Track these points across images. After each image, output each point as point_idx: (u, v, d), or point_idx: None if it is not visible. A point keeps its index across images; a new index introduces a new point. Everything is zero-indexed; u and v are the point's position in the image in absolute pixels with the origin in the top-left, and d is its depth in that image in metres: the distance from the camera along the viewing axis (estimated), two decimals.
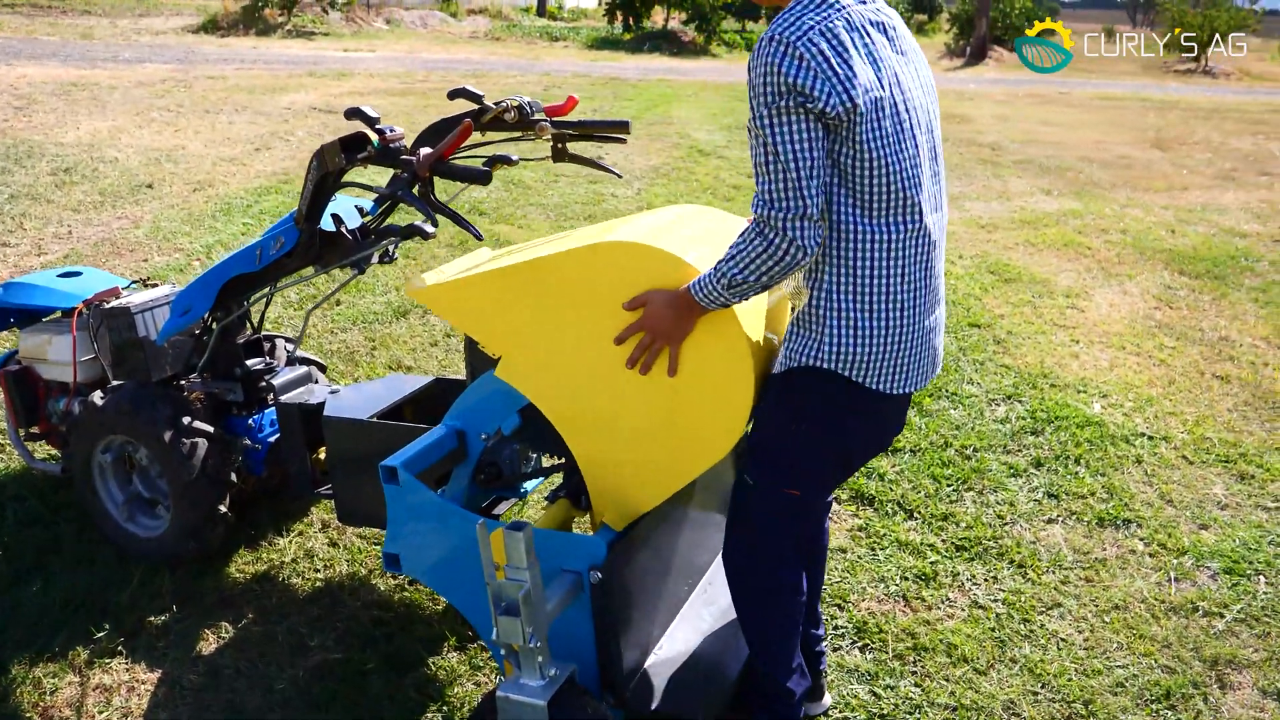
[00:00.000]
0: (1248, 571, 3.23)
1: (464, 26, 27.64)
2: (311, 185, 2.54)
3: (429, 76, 16.15)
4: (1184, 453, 4.05)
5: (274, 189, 7.64)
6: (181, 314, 2.95)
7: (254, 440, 3.07)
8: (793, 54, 1.80)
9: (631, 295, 2.09)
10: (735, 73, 20.40)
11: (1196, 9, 30.39)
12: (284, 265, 2.79)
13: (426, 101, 12.92)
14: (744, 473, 2.18)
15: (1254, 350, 5.31)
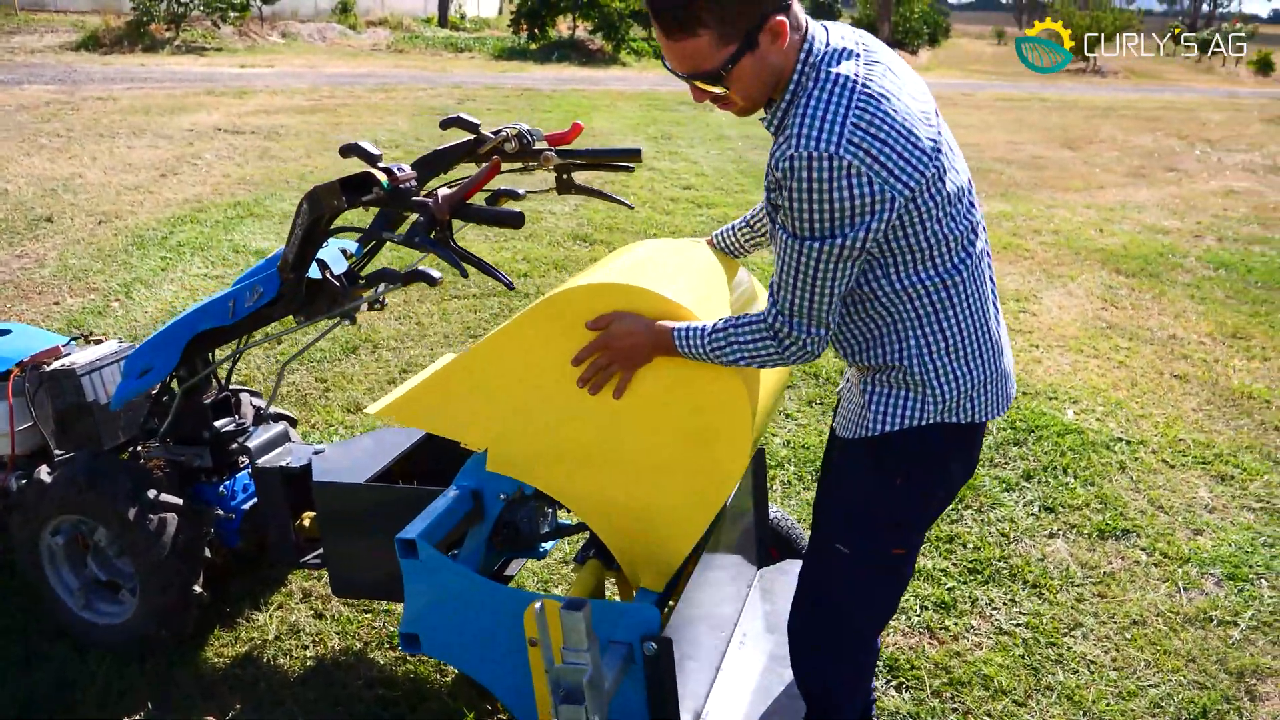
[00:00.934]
0: (1249, 576, 3.25)
1: (364, 39, 27.02)
2: (302, 230, 2.28)
3: (335, 92, 15.74)
4: (1163, 456, 4.08)
5: (189, 218, 7.22)
6: (139, 375, 2.65)
7: (226, 509, 2.78)
8: (841, 170, 1.60)
9: None
10: (647, 81, 20.38)
11: (1085, 10, 31.51)
12: (261, 317, 2.53)
13: (339, 119, 12.58)
14: (832, 541, 2.02)
15: (1202, 347, 5.43)
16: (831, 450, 2.10)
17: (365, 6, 30.19)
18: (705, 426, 1.99)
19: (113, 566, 2.76)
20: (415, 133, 11.70)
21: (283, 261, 2.38)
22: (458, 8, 33.02)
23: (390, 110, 13.75)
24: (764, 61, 1.70)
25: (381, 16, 29.81)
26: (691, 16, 1.64)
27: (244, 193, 8.15)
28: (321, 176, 8.84)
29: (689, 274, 2.21)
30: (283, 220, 7.30)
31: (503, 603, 2.09)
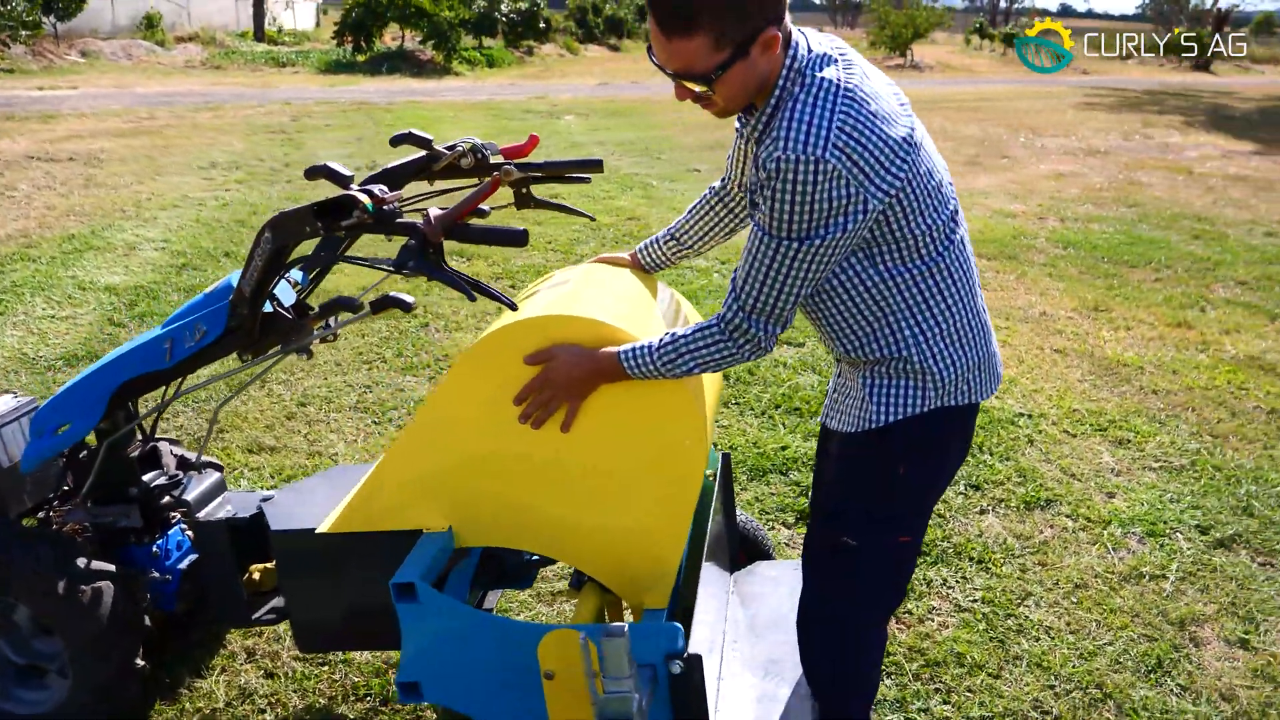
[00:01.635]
0: (1166, 531, 3.47)
1: (175, 56, 25.73)
2: (262, 260, 2.11)
3: (155, 113, 14.96)
4: (1063, 427, 4.32)
5: (18, 255, 6.66)
6: (55, 431, 2.39)
7: (162, 571, 2.54)
8: (824, 173, 1.63)
9: None
10: (484, 90, 20.23)
11: (899, 9, 33.07)
12: (202, 358, 2.32)
13: (166, 141, 11.97)
14: (839, 536, 2.03)
15: (1071, 322, 5.77)
16: (828, 445, 2.12)
17: (170, 21, 28.76)
18: (662, 439, 1.99)
19: (29, 648, 2.48)
20: (254, 153, 11.25)
21: (237, 295, 2.19)
22: (273, 20, 31.83)
23: (221, 130, 13.18)
24: (752, 69, 1.72)
25: (191, 32, 28.50)
26: (690, 19, 1.65)
27: (75, 224, 7.63)
28: (157, 204, 8.37)
29: (615, 296, 2.20)
30: (126, 252, 6.89)
31: (513, 638, 2.01)
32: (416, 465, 2.12)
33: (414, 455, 2.12)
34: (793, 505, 3.59)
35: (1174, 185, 10.65)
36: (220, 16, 30.73)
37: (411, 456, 2.13)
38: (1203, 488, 3.78)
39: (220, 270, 6.48)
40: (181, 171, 9.91)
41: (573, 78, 24.55)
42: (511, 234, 1.92)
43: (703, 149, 12.10)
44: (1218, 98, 23.17)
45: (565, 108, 16.90)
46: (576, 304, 2.07)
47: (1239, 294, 6.49)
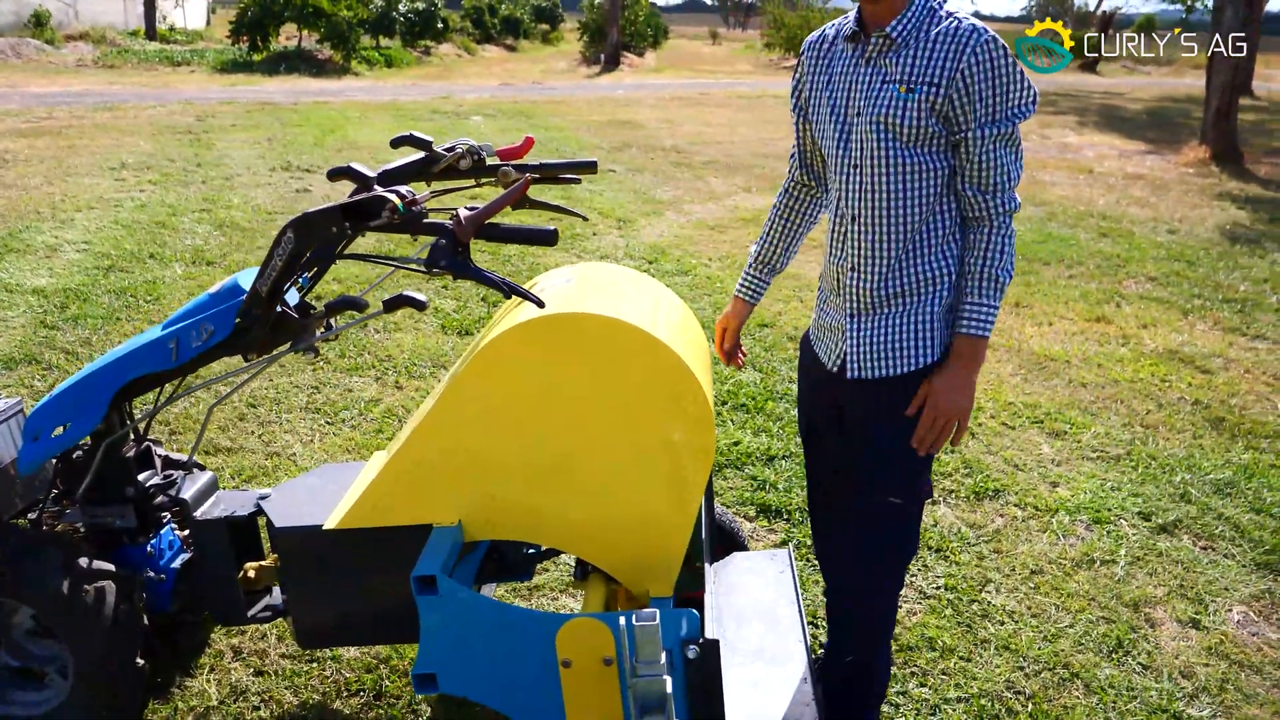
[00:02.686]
0: (1111, 518, 3.65)
1: (65, 55, 24.79)
2: (282, 260, 2.12)
3: (53, 113, 14.40)
4: (1001, 420, 4.49)
5: None
6: (54, 433, 2.37)
7: (157, 571, 2.53)
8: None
9: (574, 367, 2.03)
10: (387, 91, 19.93)
11: (793, 10, 33.65)
12: (207, 358, 2.32)
13: (70, 141, 11.54)
14: (884, 496, 2.15)
15: (998, 319, 5.97)
16: (859, 397, 2.18)
17: (58, 20, 27.83)
18: (670, 431, 2.05)
19: (24, 651, 2.46)
20: (164, 153, 10.94)
21: (252, 295, 2.19)
22: (163, 19, 30.91)
23: (125, 131, 12.75)
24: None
25: (81, 30, 27.53)
26: None
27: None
28: (72, 205, 8.12)
29: (615, 294, 2.25)
30: (49, 254, 6.71)
31: (531, 628, 2.05)
32: (429, 459, 2.15)
33: (427, 449, 2.15)
34: (751, 499, 3.66)
35: (1077, 184, 11.08)
36: (108, 15, 29.88)
37: (425, 450, 2.15)
38: (1140, 476, 3.98)
39: (148, 272, 6.35)
40: (91, 173, 9.60)
41: (473, 78, 24.41)
42: (541, 233, 1.95)
43: (613, 149, 12.14)
44: (1108, 98, 24.14)
45: (471, 108, 16.78)
46: (584, 301, 2.12)
47: (1150, 289, 6.81)
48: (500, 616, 2.08)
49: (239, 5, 25.46)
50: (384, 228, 2.06)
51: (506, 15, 36.58)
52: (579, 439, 2.05)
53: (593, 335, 2.05)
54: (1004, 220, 2.01)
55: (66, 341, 5.12)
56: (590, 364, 2.07)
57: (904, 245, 2.05)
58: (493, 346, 2.09)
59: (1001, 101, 1.95)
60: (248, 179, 9.55)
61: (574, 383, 2.07)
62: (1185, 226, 8.93)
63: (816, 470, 2.45)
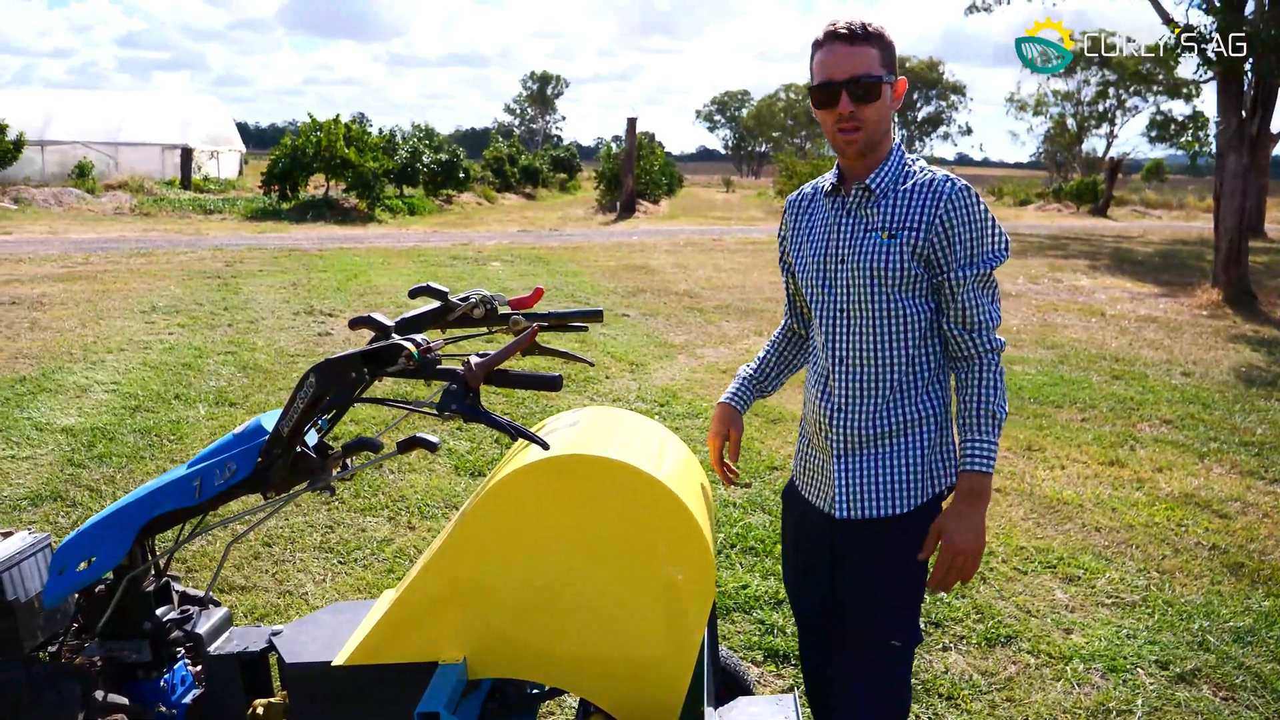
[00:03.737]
0: (1127, 667, 3.59)
1: (104, 203, 25.78)
2: (304, 403, 2.23)
3: (90, 258, 14.90)
4: (1013, 564, 4.46)
5: (13, 400, 6.72)
6: (79, 568, 2.44)
7: (168, 705, 2.56)
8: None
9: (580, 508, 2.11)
10: (407, 238, 20.50)
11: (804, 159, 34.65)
12: (228, 495, 2.40)
13: (104, 286, 11.92)
14: (887, 639, 2.17)
15: (1007, 462, 5.99)
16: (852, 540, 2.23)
17: (99, 170, 29.18)
18: (671, 572, 2.10)
19: None
20: (194, 297, 11.26)
21: (274, 436, 2.29)
22: (198, 169, 32.27)
23: (156, 275, 13.16)
24: (887, 107, 2.14)
25: (120, 180, 28.71)
26: (866, 33, 2.10)
27: (25, 367, 7.66)
28: (103, 347, 8.37)
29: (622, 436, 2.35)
30: (79, 394, 6.94)
31: None
32: (436, 597, 2.21)
33: (434, 587, 2.21)
34: (759, 644, 3.64)
35: (1089, 327, 11.19)
36: (146, 165, 31.26)
37: (432, 588, 2.21)
38: (1157, 623, 3.92)
39: (173, 412, 6.53)
40: (123, 315, 9.91)
41: (493, 225, 25.13)
42: (546, 379, 2.05)
43: (627, 294, 12.40)
44: (1119, 241, 24.53)
45: (490, 254, 17.23)
46: (591, 444, 2.20)
47: (1165, 432, 6.81)
48: None
49: (271, 156, 26.53)
50: (400, 373, 2.17)
51: (526, 165, 37.83)
52: (582, 578, 2.10)
53: (597, 476, 2.13)
54: (992, 358, 2.12)
55: (91, 479, 5.24)
56: (594, 504, 2.14)
57: (891, 387, 2.15)
58: (500, 486, 2.18)
59: (978, 245, 2.09)
60: (272, 322, 9.80)
61: (578, 522, 2.14)
62: (1200, 369, 8.97)
63: (810, 615, 2.47)
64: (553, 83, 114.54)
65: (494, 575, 2.18)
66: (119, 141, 31.49)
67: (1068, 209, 38.07)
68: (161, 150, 32.39)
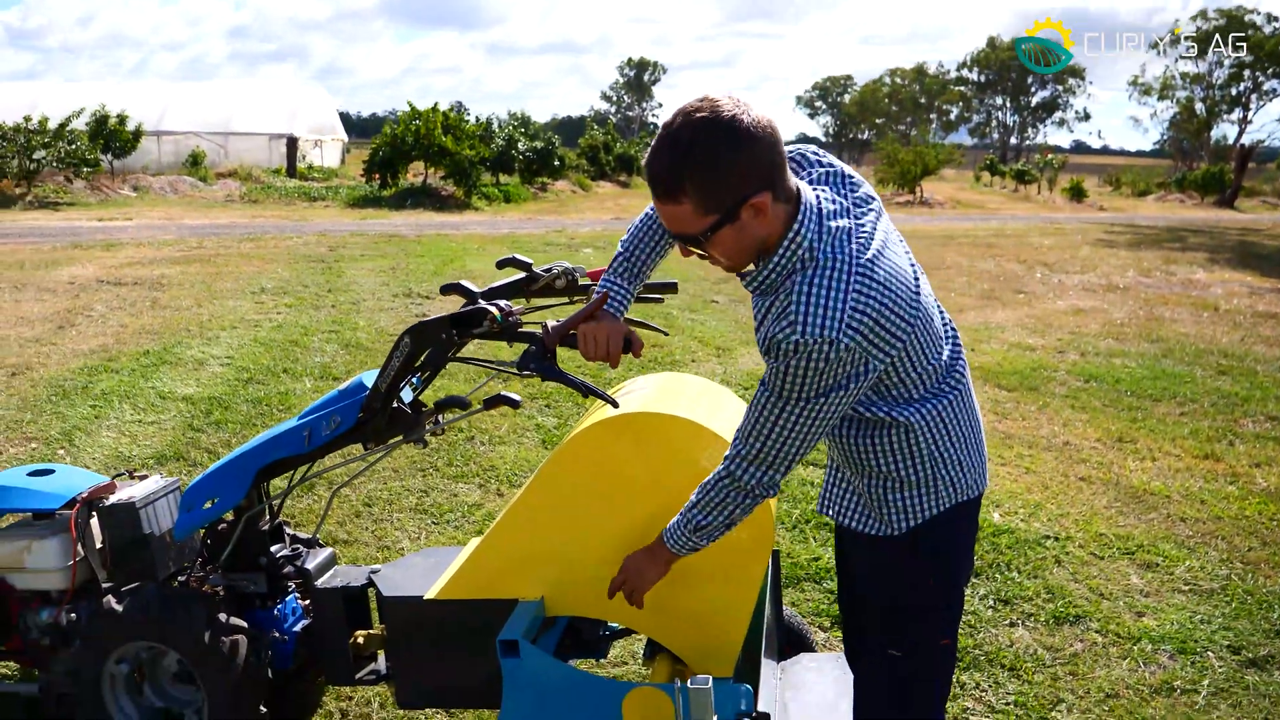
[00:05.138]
0: (1197, 650, 3.61)
1: (215, 191, 26.88)
2: (399, 362, 2.49)
3: (203, 242, 15.64)
4: (1090, 549, 4.48)
5: (102, 368, 7.33)
6: (205, 506, 2.78)
7: (281, 632, 2.88)
8: (838, 352, 1.77)
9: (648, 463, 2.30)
10: (502, 225, 20.98)
11: (908, 146, 34.10)
12: (333, 445, 2.71)
13: (217, 269, 12.53)
14: (884, 649, 2.14)
15: (1096, 452, 5.96)
16: (851, 548, 2.25)
17: (212, 160, 30.42)
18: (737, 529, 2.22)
19: (168, 694, 2.86)
20: (299, 279, 11.75)
21: (373, 392, 2.56)
22: (303, 158, 33.33)
23: (265, 259, 13.74)
24: (745, 231, 1.83)
25: (231, 168, 29.87)
26: (676, 187, 1.79)
27: (149, 342, 8.22)
28: (218, 325, 8.88)
29: (688, 398, 2.55)
30: (197, 366, 7.45)
31: (601, 693, 2.29)
32: (518, 541, 2.47)
33: (516, 532, 2.48)
34: (827, 610, 3.78)
35: (1199, 321, 10.87)
36: (253, 155, 32.32)
37: (514, 533, 2.48)
38: (1234, 611, 3.92)
39: (281, 384, 6.98)
40: (235, 296, 10.47)
41: (586, 213, 25.45)
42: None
43: (719, 281, 12.47)
44: (1244, 234, 23.62)
45: (583, 241, 17.50)
46: (660, 403, 2.43)
47: (1269, 428, 6.61)
48: (574, 681, 2.33)
49: (372, 145, 27.29)
50: (484, 335, 2.42)
51: (620, 153, 38.05)
52: (651, 528, 2.26)
53: (665, 433, 2.35)
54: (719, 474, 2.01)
55: (209, 443, 5.68)
56: (662, 459, 2.36)
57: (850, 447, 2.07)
58: (575, 441, 2.43)
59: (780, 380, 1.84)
60: (372, 304, 10.21)
61: (647, 475, 2.35)
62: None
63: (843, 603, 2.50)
64: (650, 69, 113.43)
65: (569, 523, 2.41)
66: (229, 131, 32.60)
67: (1191, 199, 36.65)
68: (269, 140, 33.34)
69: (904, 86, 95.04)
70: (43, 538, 2.93)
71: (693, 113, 1.77)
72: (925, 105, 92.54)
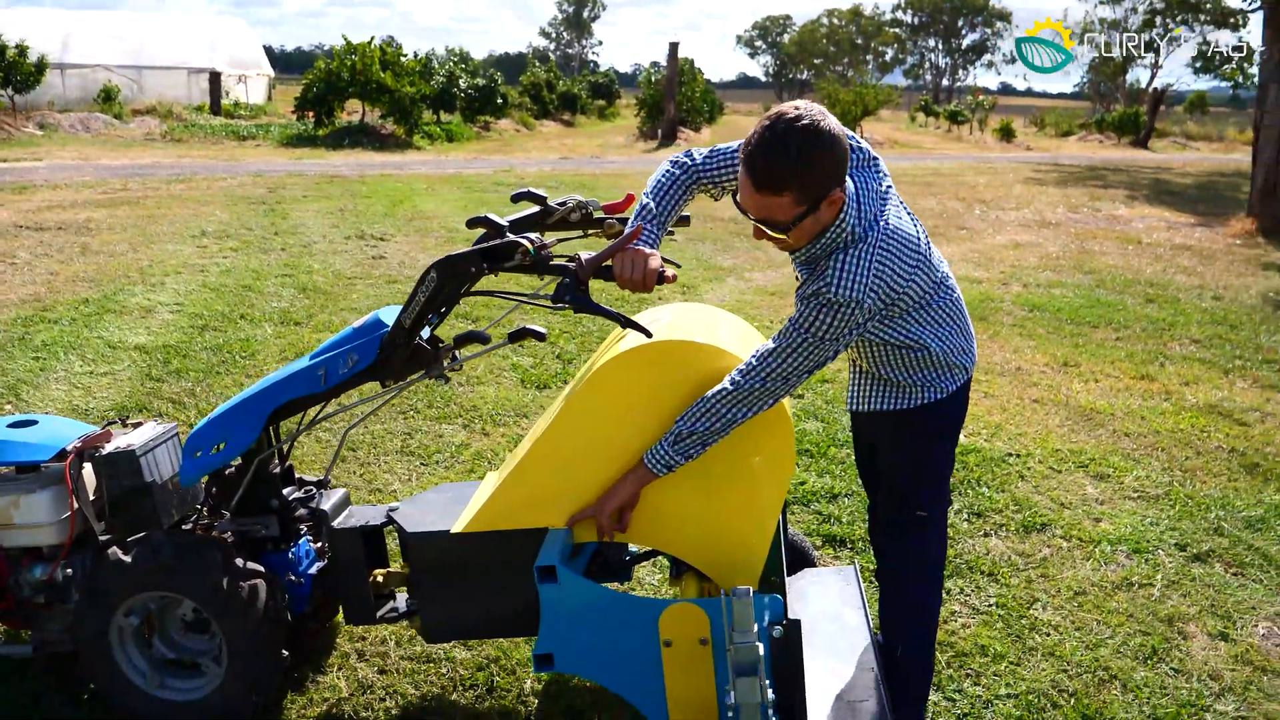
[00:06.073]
0: (1149, 549, 3.94)
1: (133, 129, 25.68)
2: (425, 297, 2.47)
3: (128, 184, 15.08)
4: (1048, 464, 4.79)
5: (37, 318, 6.96)
6: (213, 451, 2.72)
7: (296, 575, 2.88)
8: (861, 309, 2.19)
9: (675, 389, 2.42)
10: (448, 165, 20.64)
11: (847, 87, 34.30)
12: (350, 383, 2.67)
13: (149, 211, 12.17)
14: (913, 510, 2.52)
15: (1045, 376, 6.30)
16: (877, 428, 2.61)
17: (126, 95, 28.71)
18: (761, 447, 2.44)
19: (178, 645, 2.83)
20: (241, 222, 11.54)
21: (396, 328, 2.55)
22: (226, 94, 32.01)
23: (200, 201, 13.43)
24: (819, 220, 2.21)
25: (148, 105, 28.49)
26: (782, 181, 2.11)
27: (85, 289, 7.92)
28: (160, 270, 8.65)
29: (705, 326, 2.65)
30: (144, 314, 7.21)
31: (638, 612, 2.38)
32: (546, 471, 2.52)
33: (544, 462, 2.52)
34: (818, 530, 4.00)
35: (1125, 254, 11.37)
36: (172, 91, 30.67)
37: (543, 463, 2.52)
38: (1178, 513, 4.27)
39: (240, 331, 6.83)
40: (174, 240, 10.19)
41: (533, 152, 25.17)
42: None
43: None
44: (1158, 173, 24.37)
45: (533, 181, 17.38)
46: (685, 331, 2.53)
47: (1194, 351, 7.09)
48: (611, 602, 2.41)
49: (304, 81, 26.48)
50: (516, 268, 2.42)
51: (564, 91, 37.55)
52: None
53: (691, 359, 2.44)
54: (725, 386, 2.29)
55: (172, 392, 5.54)
56: (690, 386, 2.43)
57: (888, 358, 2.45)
58: (604, 369, 2.47)
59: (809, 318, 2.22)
60: (325, 246, 10.09)
61: (675, 401, 2.43)
62: (1229, 294, 9.18)
63: (870, 495, 2.88)
64: (589, 5, 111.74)
65: (598, 451, 2.48)
66: (142, 65, 30.68)
67: (1109, 140, 37.60)
68: (188, 74, 31.59)
69: (841, 28, 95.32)
70: (32, 491, 2.79)
71: (795, 120, 2.09)
72: (862, 46, 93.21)
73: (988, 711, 2.93)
